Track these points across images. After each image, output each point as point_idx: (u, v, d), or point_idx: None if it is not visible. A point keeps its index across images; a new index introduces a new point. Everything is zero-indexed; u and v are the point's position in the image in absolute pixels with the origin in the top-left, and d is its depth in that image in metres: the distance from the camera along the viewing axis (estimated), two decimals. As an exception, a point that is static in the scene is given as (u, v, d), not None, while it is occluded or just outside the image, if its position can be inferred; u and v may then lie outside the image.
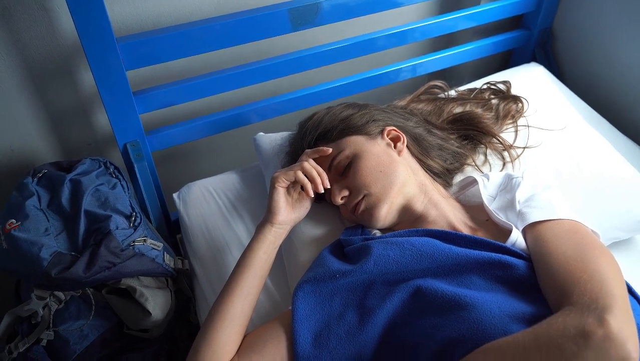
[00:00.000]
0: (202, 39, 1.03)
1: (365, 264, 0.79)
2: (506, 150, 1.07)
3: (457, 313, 0.69)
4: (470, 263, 0.76)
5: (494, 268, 0.75)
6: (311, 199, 0.92)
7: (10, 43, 1.02)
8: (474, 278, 0.76)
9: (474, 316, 0.68)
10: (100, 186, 1.02)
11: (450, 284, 0.75)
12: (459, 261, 0.76)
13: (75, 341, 0.97)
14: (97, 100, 1.19)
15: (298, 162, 0.88)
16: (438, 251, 0.78)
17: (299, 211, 0.91)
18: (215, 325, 0.78)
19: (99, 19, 0.89)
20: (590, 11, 1.37)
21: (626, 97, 1.35)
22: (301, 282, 0.82)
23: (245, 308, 0.81)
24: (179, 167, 1.42)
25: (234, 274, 0.84)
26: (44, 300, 0.95)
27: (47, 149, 1.21)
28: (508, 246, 0.78)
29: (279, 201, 0.87)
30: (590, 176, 1.06)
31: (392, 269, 0.78)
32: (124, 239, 0.95)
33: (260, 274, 0.85)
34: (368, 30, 1.26)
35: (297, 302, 0.79)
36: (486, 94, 1.19)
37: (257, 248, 0.85)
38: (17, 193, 1.00)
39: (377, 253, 0.79)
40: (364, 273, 0.79)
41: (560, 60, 1.51)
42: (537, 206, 0.83)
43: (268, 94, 1.30)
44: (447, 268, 0.77)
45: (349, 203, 0.89)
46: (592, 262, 0.69)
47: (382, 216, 0.87)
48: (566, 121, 1.14)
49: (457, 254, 0.77)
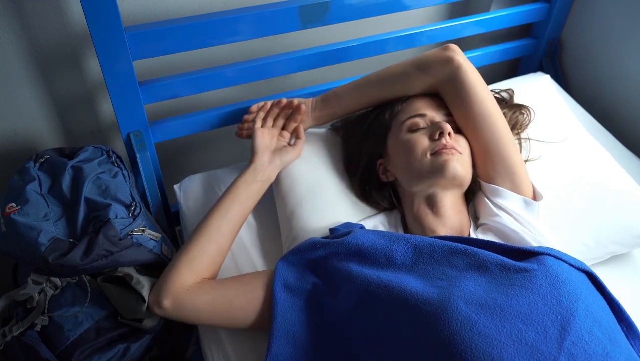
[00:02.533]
0: (211, 33, 1.03)
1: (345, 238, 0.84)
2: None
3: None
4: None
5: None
6: (296, 148, 1.04)
7: (19, 28, 1.03)
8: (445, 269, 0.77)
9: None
10: (102, 174, 1.02)
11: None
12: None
13: (69, 328, 0.97)
14: (102, 88, 1.19)
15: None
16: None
17: (282, 156, 1.01)
18: (194, 238, 0.89)
19: (108, 8, 0.89)
20: (598, 23, 1.37)
21: (631, 110, 1.35)
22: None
23: (222, 227, 0.90)
24: (181, 159, 1.42)
25: (215, 203, 0.94)
26: (40, 285, 0.96)
27: (51, 135, 1.21)
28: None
29: (257, 140, 1.00)
30: (591, 187, 1.06)
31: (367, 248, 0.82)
32: (123, 228, 0.95)
33: (239, 200, 0.94)
34: (376, 31, 1.26)
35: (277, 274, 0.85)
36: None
37: (237, 179, 0.96)
38: (19, 177, 1.00)
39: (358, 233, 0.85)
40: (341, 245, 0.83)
41: (566, 70, 1.51)
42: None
43: (274, 90, 1.30)
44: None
45: (448, 140, 0.91)
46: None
47: (457, 168, 0.88)
48: (569, 132, 1.14)
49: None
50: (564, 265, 0.74)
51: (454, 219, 0.90)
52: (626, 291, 1.02)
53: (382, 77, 1.02)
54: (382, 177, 1.00)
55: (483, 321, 0.66)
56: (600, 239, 1.04)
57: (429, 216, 0.91)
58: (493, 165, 0.92)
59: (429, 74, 0.97)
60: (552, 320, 0.67)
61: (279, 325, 0.79)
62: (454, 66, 0.94)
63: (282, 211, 1.03)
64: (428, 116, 0.95)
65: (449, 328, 0.66)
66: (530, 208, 0.90)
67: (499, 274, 0.73)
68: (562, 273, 0.72)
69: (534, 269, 0.72)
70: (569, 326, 0.66)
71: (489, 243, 0.81)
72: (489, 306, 0.68)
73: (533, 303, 0.68)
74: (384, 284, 0.75)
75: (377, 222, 0.98)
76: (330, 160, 1.07)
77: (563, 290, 0.69)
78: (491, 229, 0.89)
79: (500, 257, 0.76)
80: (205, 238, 0.89)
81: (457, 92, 0.95)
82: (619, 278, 1.06)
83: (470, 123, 0.94)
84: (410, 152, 0.91)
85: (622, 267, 1.09)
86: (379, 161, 1.00)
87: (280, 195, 1.04)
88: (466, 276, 0.74)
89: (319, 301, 0.81)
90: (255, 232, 1.07)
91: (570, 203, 1.04)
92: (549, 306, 0.68)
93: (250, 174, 0.97)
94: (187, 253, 0.87)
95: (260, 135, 1.02)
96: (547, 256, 0.75)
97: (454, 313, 0.67)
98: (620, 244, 1.06)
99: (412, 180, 0.92)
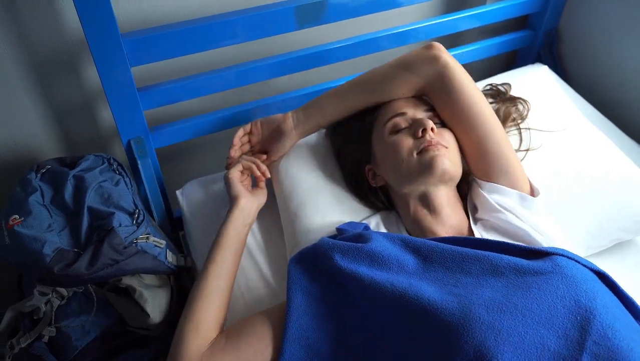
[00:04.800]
0: (208, 36, 1.02)
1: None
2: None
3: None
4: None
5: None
6: (264, 190, 1.03)
7: (14, 36, 1.02)
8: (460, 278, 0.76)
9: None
10: (104, 182, 1.02)
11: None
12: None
13: (77, 338, 0.97)
14: (101, 96, 1.18)
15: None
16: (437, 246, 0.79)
17: (258, 198, 1.01)
18: (194, 301, 0.84)
19: (105, 15, 0.89)
20: (596, 13, 1.37)
21: (631, 98, 1.35)
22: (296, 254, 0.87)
23: (221, 284, 0.87)
24: (182, 164, 1.41)
25: (209, 254, 0.90)
26: (46, 296, 0.95)
27: (50, 145, 1.21)
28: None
29: (236, 187, 0.98)
30: (594, 175, 1.06)
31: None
32: (127, 236, 0.95)
33: (232, 250, 0.91)
34: (371, 29, 1.25)
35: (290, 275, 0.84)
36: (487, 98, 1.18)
37: (226, 227, 0.93)
38: (21, 189, 1.00)
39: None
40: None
41: (565, 61, 1.51)
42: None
43: (273, 92, 1.30)
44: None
45: (432, 136, 0.89)
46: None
47: (446, 163, 0.86)
48: (570, 122, 1.14)
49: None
50: (578, 265, 0.74)
51: (452, 218, 0.90)
52: (631, 278, 1.02)
53: (364, 81, 1.00)
54: (372, 183, 0.98)
55: (507, 329, 0.65)
56: (604, 227, 1.04)
57: (428, 217, 0.90)
58: (487, 163, 0.91)
59: (415, 74, 0.94)
60: (572, 321, 0.66)
61: (293, 329, 0.78)
62: (440, 64, 0.92)
63: (285, 213, 1.02)
64: (409, 114, 0.93)
65: (473, 339, 0.65)
66: (528, 204, 0.89)
67: (515, 278, 0.72)
68: (577, 273, 0.71)
69: (548, 271, 0.72)
70: (589, 326, 0.65)
71: (499, 243, 0.80)
72: (510, 311, 0.67)
73: (553, 306, 0.68)
74: (401, 293, 0.73)
75: (378, 220, 0.98)
76: (331, 159, 1.07)
77: (580, 290, 0.69)
78: (495, 226, 0.88)
79: (513, 259, 0.75)
80: (207, 301, 0.84)
81: (446, 92, 0.93)
82: (623, 264, 1.06)
83: (461, 122, 0.92)
84: (396, 154, 0.90)
85: (627, 253, 1.09)
86: (367, 167, 0.99)
87: (282, 196, 1.04)
88: (482, 283, 0.73)
89: (336, 309, 0.80)
90: (258, 235, 1.07)
91: (574, 191, 1.04)
92: (567, 308, 0.67)
93: (237, 218, 0.95)
94: (192, 320, 0.82)
95: (237, 180, 1.00)
96: (559, 256, 0.75)
97: (476, 322, 0.66)
98: (625, 231, 1.06)
99: (402, 182, 0.91)
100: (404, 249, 0.81)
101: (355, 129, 1.00)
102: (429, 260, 0.78)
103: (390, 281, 0.75)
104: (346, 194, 1.02)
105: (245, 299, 0.98)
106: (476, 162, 0.93)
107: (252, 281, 1.00)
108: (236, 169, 1.01)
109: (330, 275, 0.81)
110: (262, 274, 1.01)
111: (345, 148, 1.03)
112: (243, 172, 1.02)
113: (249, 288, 0.99)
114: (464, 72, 0.94)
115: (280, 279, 1.00)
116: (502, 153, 0.91)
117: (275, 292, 0.99)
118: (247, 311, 0.95)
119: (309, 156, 1.07)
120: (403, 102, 0.96)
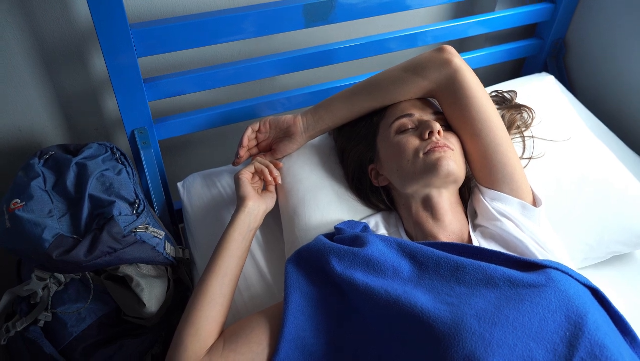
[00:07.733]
0: (215, 31, 1.03)
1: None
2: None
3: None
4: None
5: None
6: (273, 194, 1.02)
7: (24, 24, 1.03)
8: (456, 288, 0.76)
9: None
10: (106, 171, 1.03)
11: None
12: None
13: (72, 324, 0.97)
14: (107, 85, 1.19)
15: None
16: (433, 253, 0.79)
17: (266, 201, 0.98)
18: (196, 305, 0.83)
19: (114, 5, 0.89)
20: (603, 24, 1.37)
21: (635, 111, 1.34)
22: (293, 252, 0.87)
23: (223, 288, 0.86)
24: (184, 157, 1.42)
25: (212, 257, 0.89)
26: (43, 281, 0.96)
27: (55, 132, 1.22)
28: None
29: (245, 188, 0.96)
30: (594, 187, 1.06)
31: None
32: (126, 225, 0.96)
33: (237, 255, 0.89)
34: (379, 31, 1.26)
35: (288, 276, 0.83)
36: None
37: (232, 230, 0.91)
38: (23, 173, 1.01)
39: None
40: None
41: (571, 71, 1.51)
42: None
43: (278, 88, 1.30)
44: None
45: (438, 138, 0.89)
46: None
47: (451, 165, 0.86)
48: (573, 132, 1.14)
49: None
50: (571, 280, 0.74)
51: (453, 224, 0.89)
52: (627, 291, 1.02)
53: (374, 85, 0.99)
54: (375, 183, 0.98)
55: (497, 340, 0.66)
56: (602, 239, 1.04)
57: (429, 220, 0.90)
58: (491, 170, 0.91)
59: (425, 77, 0.93)
60: (562, 336, 0.67)
61: (289, 329, 0.78)
62: (451, 69, 0.91)
63: (285, 210, 1.03)
64: (416, 116, 0.93)
65: (463, 349, 0.65)
66: (529, 214, 0.89)
67: (508, 290, 0.72)
68: (570, 289, 0.71)
69: (542, 284, 0.72)
70: (577, 343, 0.66)
71: (495, 253, 0.80)
72: (501, 323, 0.67)
73: (543, 320, 0.68)
74: (395, 300, 0.73)
75: (378, 220, 0.98)
76: (332, 159, 1.07)
77: (572, 306, 0.69)
78: (493, 235, 0.88)
79: (507, 271, 0.75)
80: (209, 307, 0.83)
81: (455, 97, 0.92)
82: (621, 278, 1.06)
83: (468, 128, 0.92)
84: (401, 154, 0.90)
85: (625, 267, 1.09)
86: (370, 167, 0.99)
87: (282, 193, 1.04)
88: (475, 293, 0.73)
89: (332, 311, 0.80)
90: (258, 233, 1.07)
91: (574, 202, 1.04)
92: (558, 323, 0.68)
93: (243, 221, 0.92)
94: (192, 325, 0.81)
95: (247, 181, 0.98)
96: (554, 270, 0.75)
97: (467, 332, 0.66)
98: (623, 244, 1.06)
99: (406, 182, 0.91)
100: (400, 254, 0.81)
101: (361, 128, 1.00)
102: (424, 267, 0.79)
103: (385, 288, 0.75)
104: (347, 193, 1.02)
105: (243, 297, 0.98)
106: (480, 168, 0.93)
107: (251, 278, 1.01)
108: (248, 170, 0.99)
109: (327, 277, 0.82)
110: (261, 272, 1.02)
111: (349, 146, 1.02)
112: (254, 175, 1.00)
113: (247, 286, 0.99)
114: (475, 77, 0.93)
115: (279, 278, 1.00)
116: (507, 162, 0.90)
117: (272, 290, 0.99)
118: (245, 309, 0.96)
119: (311, 154, 1.07)
120: (410, 103, 0.96)
